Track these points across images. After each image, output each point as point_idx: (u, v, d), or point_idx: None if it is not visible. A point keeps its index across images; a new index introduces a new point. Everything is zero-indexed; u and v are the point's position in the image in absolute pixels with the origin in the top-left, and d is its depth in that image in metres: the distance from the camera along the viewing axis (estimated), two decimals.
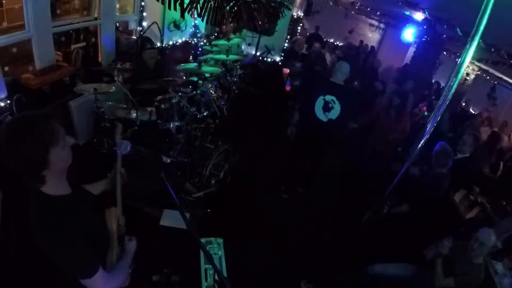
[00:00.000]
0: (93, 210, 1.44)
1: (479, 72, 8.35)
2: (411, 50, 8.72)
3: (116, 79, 3.28)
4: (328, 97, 3.39)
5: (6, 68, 3.22)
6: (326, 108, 3.41)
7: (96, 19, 4.27)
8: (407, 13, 6.71)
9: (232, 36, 4.91)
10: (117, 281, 1.36)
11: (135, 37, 5.03)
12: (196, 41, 6.48)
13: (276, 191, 3.93)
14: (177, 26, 5.90)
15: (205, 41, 6.46)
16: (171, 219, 3.00)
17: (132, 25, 5.20)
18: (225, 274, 2.39)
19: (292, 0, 4.66)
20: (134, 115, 3.30)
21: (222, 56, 4.35)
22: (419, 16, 6.36)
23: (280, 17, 4.58)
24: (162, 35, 4.96)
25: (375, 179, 3.69)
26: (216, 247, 2.60)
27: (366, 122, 4.37)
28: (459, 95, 8.07)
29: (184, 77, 4.10)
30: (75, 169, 1.34)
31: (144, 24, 5.14)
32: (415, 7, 5.65)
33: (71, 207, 1.25)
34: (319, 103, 3.42)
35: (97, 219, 1.42)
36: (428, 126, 2.91)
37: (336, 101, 3.38)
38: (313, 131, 3.56)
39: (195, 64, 3.70)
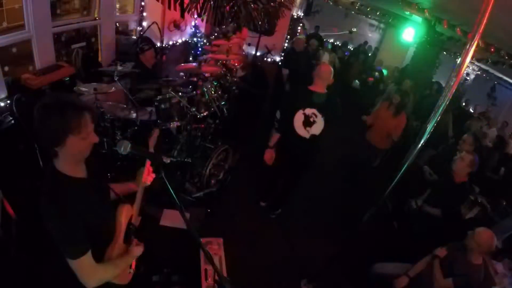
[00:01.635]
0: (105, 203, 1.47)
1: (479, 72, 8.36)
2: (411, 50, 8.72)
3: (116, 79, 3.28)
4: (309, 110, 2.88)
5: (6, 68, 3.21)
6: (308, 122, 2.90)
7: (96, 19, 4.27)
8: (407, 13, 6.70)
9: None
10: (105, 274, 1.36)
11: (135, 37, 5.03)
12: (196, 41, 6.48)
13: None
14: (177, 26, 5.90)
15: (205, 41, 6.46)
16: (171, 219, 3.00)
17: (132, 25, 5.19)
18: (225, 274, 2.40)
19: (292, 0, 4.66)
20: (134, 115, 3.30)
21: (222, 56, 4.35)
22: (419, 16, 6.36)
23: (280, 17, 4.58)
24: (162, 35, 4.96)
25: (375, 176, 3.70)
26: (216, 247, 2.60)
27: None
28: (459, 95, 8.08)
29: (184, 77, 4.10)
30: (102, 164, 1.40)
31: (144, 24, 5.14)
32: (415, 7, 5.65)
33: (78, 190, 1.29)
34: (299, 117, 2.90)
35: (105, 212, 1.44)
36: (428, 126, 2.90)
37: (318, 114, 2.87)
38: (294, 150, 3.07)
39: (195, 64, 3.71)
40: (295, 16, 7.88)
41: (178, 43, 6.16)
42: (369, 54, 9.91)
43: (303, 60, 5.80)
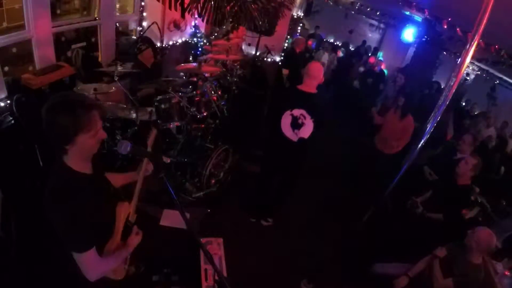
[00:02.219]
0: (107, 199, 1.48)
1: (479, 72, 8.36)
2: (411, 50, 8.73)
3: (116, 79, 3.28)
4: (297, 111, 2.68)
5: (6, 68, 3.22)
6: (295, 124, 2.71)
7: (96, 19, 4.27)
8: (407, 13, 6.71)
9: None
10: (106, 266, 1.40)
11: (135, 37, 5.03)
12: (196, 41, 6.48)
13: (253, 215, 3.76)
14: (177, 26, 5.90)
15: (205, 41, 6.46)
16: (171, 219, 3.00)
17: (132, 25, 5.19)
18: (225, 274, 2.40)
19: (292, 0, 4.66)
20: (134, 115, 3.30)
21: (222, 56, 4.35)
22: (419, 16, 6.37)
23: (280, 17, 4.58)
24: (162, 35, 4.96)
25: (377, 178, 3.69)
26: (216, 247, 2.60)
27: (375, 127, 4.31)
28: (459, 95, 8.08)
29: (184, 77, 4.10)
30: (100, 159, 1.41)
31: (144, 24, 5.13)
32: (415, 7, 5.66)
33: (85, 185, 1.31)
34: (286, 118, 2.72)
35: (107, 208, 1.46)
36: (428, 126, 2.91)
37: (307, 115, 2.67)
38: (280, 154, 2.93)
39: (195, 64, 3.71)
40: (295, 16, 7.88)
41: (178, 43, 6.16)
42: (369, 54, 9.91)
43: (302, 60, 5.82)
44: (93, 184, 1.36)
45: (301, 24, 8.49)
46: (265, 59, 6.61)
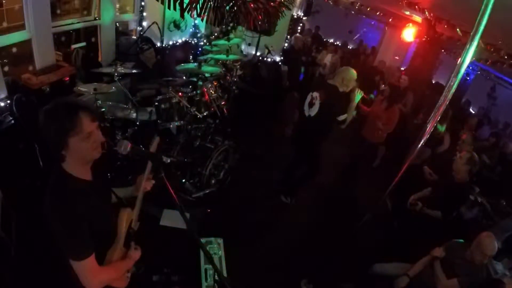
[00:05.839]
0: (108, 206, 1.47)
1: (479, 72, 8.35)
2: (411, 50, 8.73)
3: (116, 79, 3.28)
4: (315, 94, 3.35)
5: (6, 68, 3.21)
6: (310, 104, 3.38)
7: (96, 19, 4.27)
8: (407, 13, 6.71)
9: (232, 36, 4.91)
10: (106, 276, 1.36)
11: (135, 37, 5.03)
12: (196, 41, 6.48)
13: (276, 191, 3.92)
14: (177, 26, 5.90)
15: (205, 41, 6.45)
16: (171, 219, 3.00)
17: (132, 25, 5.19)
18: (225, 274, 2.40)
19: (292, 0, 4.66)
20: (134, 115, 3.30)
21: (222, 56, 4.35)
22: (419, 16, 6.36)
23: (280, 17, 4.58)
24: (162, 35, 4.96)
25: (375, 176, 3.69)
26: (216, 247, 2.60)
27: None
28: (459, 95, 8.08)
29: (184, 77, 4.10)
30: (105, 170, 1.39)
31: (144, 24, 5.13)
32: (415, 7, 5.65)
33: (85, 191, 1.29)
34: (308, 98, 3.42)
35: (108, 215, 1.44)
36: (428, 126, 2.90)
37: (318, 98, 3.31)
38: (302, 126, 3.60)
39: (195, 64, 3.71)
40: (295, 16, 7.87)
41: (178, 43, 6.15)
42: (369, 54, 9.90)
43: (301, 58, 5.83)
44: (92, 190, 1.34)
45: (301, 24, 8.47)
46: (265, 59, 6.61)
